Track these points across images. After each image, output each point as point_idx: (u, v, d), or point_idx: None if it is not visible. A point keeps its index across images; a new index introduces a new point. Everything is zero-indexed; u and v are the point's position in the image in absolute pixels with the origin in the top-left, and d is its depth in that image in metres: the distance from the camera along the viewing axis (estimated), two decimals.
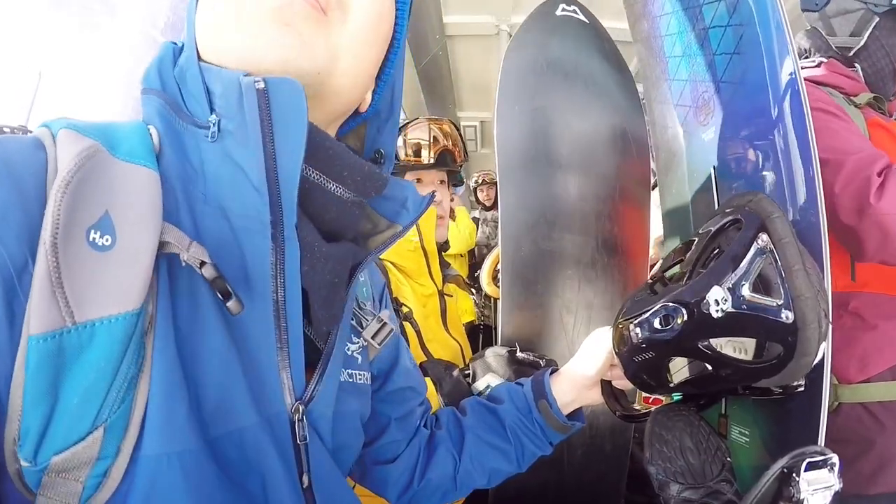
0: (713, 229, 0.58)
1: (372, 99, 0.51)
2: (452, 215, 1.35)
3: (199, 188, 0.40)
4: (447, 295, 1.19)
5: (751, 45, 0.65)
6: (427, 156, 1.14)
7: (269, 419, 0.40)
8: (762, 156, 0.66)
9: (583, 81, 1.08)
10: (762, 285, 0.51)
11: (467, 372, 0.93)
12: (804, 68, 1.02)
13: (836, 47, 1.03)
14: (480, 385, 0.90)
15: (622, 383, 0.69)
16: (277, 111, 0.37)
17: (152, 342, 0.34)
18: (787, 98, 0.61)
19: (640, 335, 0.57)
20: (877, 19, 0.98)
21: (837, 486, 0.49)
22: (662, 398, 0.88)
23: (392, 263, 1.08)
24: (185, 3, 0.43)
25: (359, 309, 0.56)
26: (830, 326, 0.55)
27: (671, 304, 0.54)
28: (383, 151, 0.53)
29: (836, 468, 0.49)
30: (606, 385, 0.71)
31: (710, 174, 0.76)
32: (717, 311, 0.51)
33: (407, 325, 1.02)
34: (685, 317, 0.53)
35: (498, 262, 1.41)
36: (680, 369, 0.60)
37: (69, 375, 0.30)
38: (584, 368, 0.69)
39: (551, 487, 1.07)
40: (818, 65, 1.02)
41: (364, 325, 0.56)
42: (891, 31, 0.99)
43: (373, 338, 0.56)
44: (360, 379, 0.54)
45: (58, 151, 0.33)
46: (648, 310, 0.56)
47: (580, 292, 1.07)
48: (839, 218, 0.82)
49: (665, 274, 0.63)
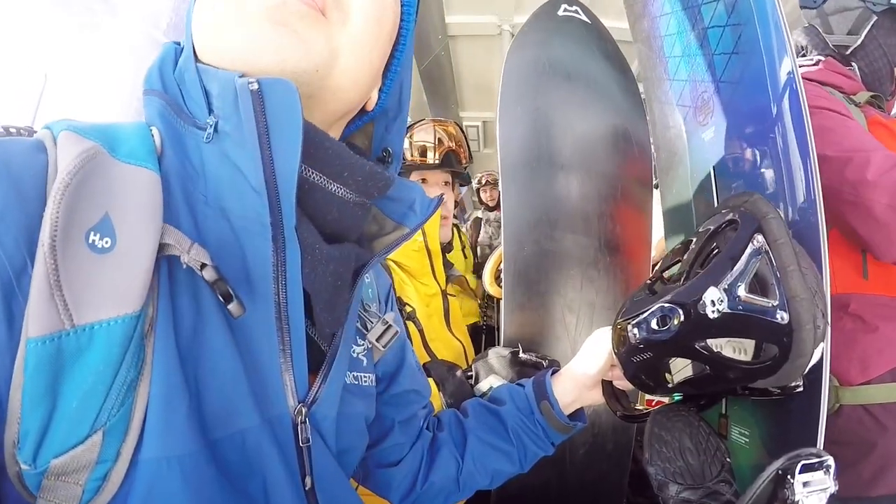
0: (710, 229, 0.58)
1: (379, 97, 0.50)
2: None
3: (200, 189, 0.40)
4: (450, 295, 1.20)
5: (749, 45, 0.65)
6: (432, 157, 1.15)
7: (271, 421, 0.40)
8: (761, 155, 0.66)
9: (584, 82, 1.08)
10: (758, 286, 0.51)
11: (470, 373, 0.93)
12: (802, 66, 1.01)
13: (833, 45, 1.02)
14: (483, 386, 0.90)
15: (623, 384, 0.69)
16: (272, 112, 0.36)
17: (153, 345, 0.33)
18: (786, 97, 0.61)
19: (638, 336, 0.57)
20: (875, 18, 0.97)
21: (833, 489, 0.49)
22: (664, 399, 0.88)
23: (396, 263, 1.08)
24: (187, 4, 0.43)
25: (364, 311, 0.56)
26: (829, 327, 0.55)
27: (668, 305, 0.54)
28: (391, 150, 0.52)
29: (832, 470, 0.49)
30: (607, 385, 0.71)
31: (710, 174, 0.76)
32: (714, 312, 0.51)
33: (410, 325, 1.03)
34: (682, 317, 0.53)
35: (500, 263, 1.41)
36: (681, 369, 0.60)
37: (68, 378, 0.30)
38: (585, 369, 0.69)
39: (553, 487, 1.07)
40: (816, 63, 1.01)
41: (369, 328, 0.56)
42: (889, 31, 0.98)
43: (377, 340, 0.56)
44: (365, 381, 0.54)
45: (58, 153, 0.33)
46: (646, 310, 0.56)
47: (582, 292, 1.07)
48: (872, 213, 0.80)
49: (664, 274, 0.63)
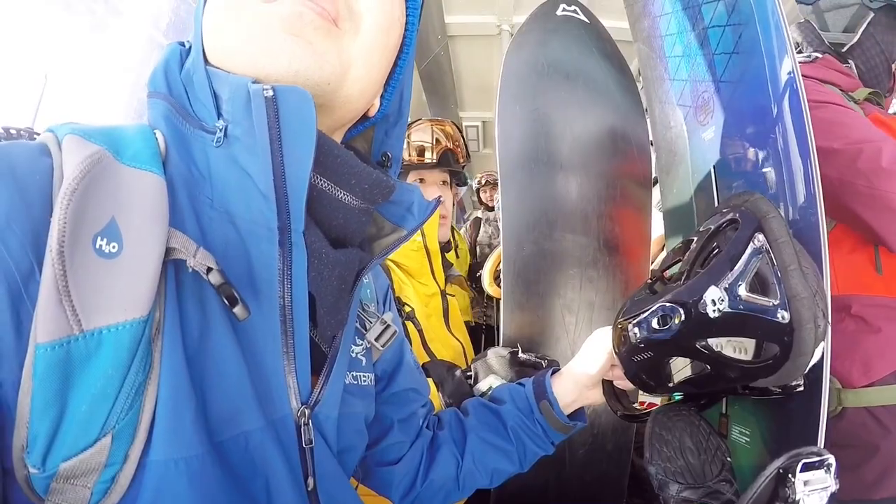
0: (711, 229, 0.58)
1: (380, 103, 0.51)
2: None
3: (206, 193, 0.40)
4: (449, 295, 1.20)
5: (749, 45, 0.65)
6: (430, 156, 1.15)
7: (275, 423, 0.40)
8: (762, 155, 0.66)
9: (583, 81, 1.08)
10: (759, 285, 0.51)
11: (469, 373, 0.93)
12: (799, 63, 1.00)
13: (830, 43, 1.01)
14: (483, 386, 0.90)
15: (623, 383, 0.69)
16: (286, 120, 0.37)
17: (160, 348, 0.34)
18: (787, 97, 0.61)
19: (639, 335, 0.57)
20: (872, 15, 0.96)
21: (834, 487, 0.49)
22: (656, 401, 0.88)
23: (395, 263, 1.08)
24: (187, 5, 0.43)
25: (362, 311, 0.57)
26: (829, 327, 0.55)
27: (668, 304, 0.54)
28: (390, 154, 0.53)
29: (833, 469, 0.49)
30: (608, 385, 0.71)
31: (711, 173, 0.76)
32: (714, 311, 0.51)
33: (409, 325, 1.03)
34: (682, 317, 0.53)
35: (499, 263, 1.41)
36: (681, 369, 0.60)
37: (77, 383, 0.30)
38: (586, 368, 0.69)
39: (553, 486, 1.07)
40: (813, 60, 1.01)
41: (368, 328, 0.56)
42: (886, 27, 0.97)
43: (376, 340, 0.56)
44: (364, 381, 0.54)
45: (63, 157, 0.33)
46: (647, 310, 0.56)
47: (581, 292, 1.07)
48: (889, 204, 0.79)
49: (664, 273, 0.63)
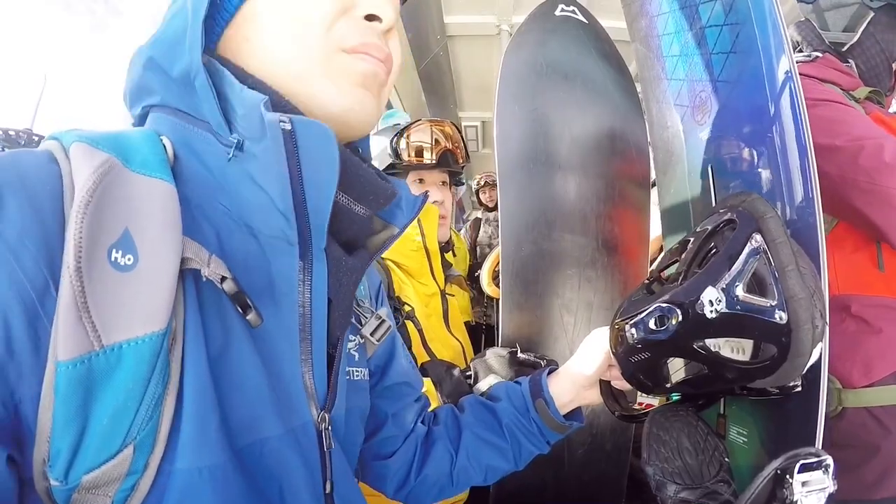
0: (708, 229, 0.58)
1: None
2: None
3: (222, 201, 0.40)
4: (449, 295, 1.20)
5: (747, 44, 0.65)
6: (429, 157, 1.15)
7: (295, 430, 0.41)
8: (759, 154, 0.66)
9: (582, 82, 1.08)
10: (756, 286, 0.51)
11: (469, 373, 0.93)
12: (798, 63, 1.00)
13: (830, 42, 1.00)
14: (482, 386, 0.90)
15: (621, 384, 0.69)
16: (305, 150, 0.38)
17: (179, 357, 0.34)
18: (784, 96, 0.61)
19: (636, 336, 0.57)
20: (872, 14, 0.96)
21: (832, 488, 0.49)
22: (653, 402, 0.87)
23: (394, 263, 1.08)
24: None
25: (357, 306, 0.57)
26: (827, 327, 0.55)
27: (666, 305, 0.54)
28: (360, 149, 0.54)
29: (831, 470, 0.49)
30: (605, 385, 0.71)
31: (708, 173, 0.75)
32: (712, 312, 0.51)
33: (409, 325, 1.03)
34: (679, 317, 0.53)
35: (498, 263, 1.41)
36: (678, 369, 0.60)
37: (98, 398, 0.30)
38: (583, 368, 0.69)
39: (552, 486, 1.07)
40: (813, 59, 1.00)
41: (363, 323, 0.57)
42: (886, 26, 0.96)
43: (371, 334, 0.57)
44: (358, 375, 0.55)
45: (73, 167, 0.32)
46: (644, 310, 0.56)
47: (580, 292, 1.07)
48: (890, 201, 0.79)
49: (662, 273, 0.62)
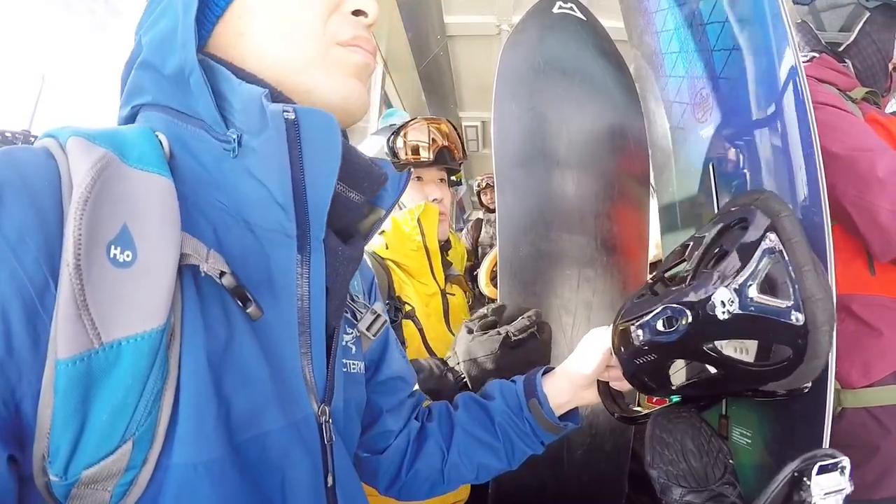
0: (717, 228, 0.57)
1: None
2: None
3: (218, 197, 0.40)
4: (450, 294, 1.19)
5: (750, 40, 0.64)
6: (426, 154, 1.15)
7: (297, 423, 0.41)
8: (763, 152, 0.65)
9: (580, 79, 1.07)
10: (768, 286, 0.50)
11: (463, 378, 0.91)
12: None
13: (826, 42, 1.01)
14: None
15: (621, 384, 0.68)
16: (308, 139, 0.38)
17: (178, 353, 0.34)
18: (788, 92, 0.60)
19: (643, 337, 0.56)
20: (867, 14, 0.96)
21: (849, 489, 0.48)
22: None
23: (395, 263, 1.07)
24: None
25: (352, 301, 0.58)
26: (835, 328, 0.54)
27: (675, 306, 0.53)
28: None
29: (847, 471, 0.48)
30: (604, 386, 0.70)
31: (710, 171, 0.75)
32: (724, 313, 0.50)
33: (410, 324, 1.02)
34: (690, 318, 0.52)
35: (495, 264, 1.40)
36: (678, 371, 0.59)
37: (98, 394, 0.30)
38: (580, 368, 0.67)
39: (551, 487, 1.06)
40: (810, 60, 1.01)
41: (358, 318, 0.58)
42: (882, 26, 0.97)
43: (367, 329, 0.58)
44: (355, 368, 0.55)
45: (70, 162, 0.32)
46: (651, 311, 0.55)
47: (579, 292, 1.06)
48: (875, 218, 0.80)
49: (666, 275, 0.61)
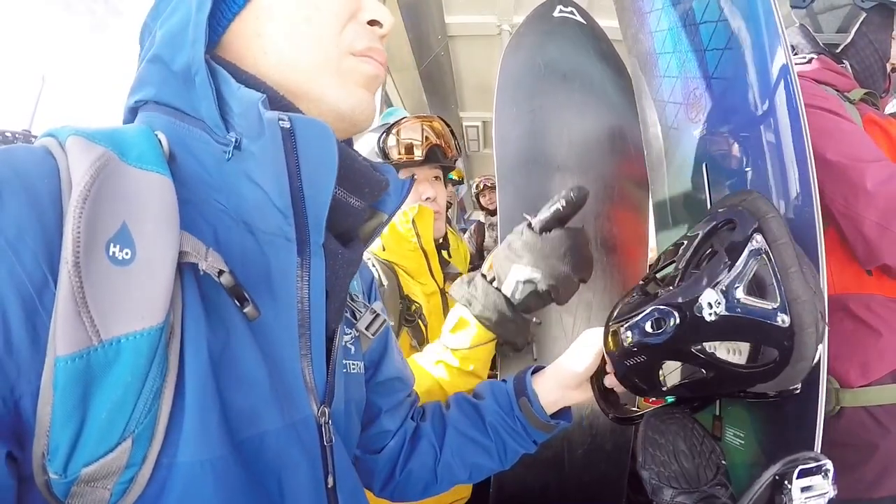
0: (706, 229, 0.57)
1: None
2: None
3: (218, 198, 0.40)
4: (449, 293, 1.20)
5: (742, 40, 0.64)
6: (418, 153, 1.16)
7: (296, 424, 0.41)
8: (755, 151, 0.65)
9: (580, 82, 1.07)
10: (756, 287, 0.50)
11: (490, 276, 0.84)
12: (796, 65, 1.00)
13: (824, 44, 1.01)
14: (508, 286, 0.79)
15: (615, 385, 0.68)
16: (304, 148, 0.39)
17: (177, 351, 0.34)
18: (779, 91, 0.60)
19: (632, 338, 0.56)
20: (864, 15, 0.96)
21: (832, 493, 0.48)
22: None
23: (395, 264, 1.08)
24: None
25: (351, 301, 0.58)
26: (827, 328, 0.54)
27: (663, 307, 0.53)
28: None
29: (831, 474, 0.48)
30: (598, 386, 0.70)
31: (703, 171, 0.74)
32: (711, 315, 0.50)
33: (419, 323, 1.03)
34: (677, 320, 0.52)
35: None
36: (672, 371, 0.59)
37: (97, 392, 0.30)
38: (572, 366, 0.68)
39: (552, 487, 1.06)
40: (809, 61, 1.00)
41: (358, 317, 0.58)
42: (878, 27, 0.97)
43: (367, 329, 0.58)
44: (354, 368, 0.55)
45: (69, 161, 0.32)
46: (639, 313, 0.55)
47: (579, 292, 1.06)
48: (860, 227, 0.81)
49: (657, 275, 0.62)
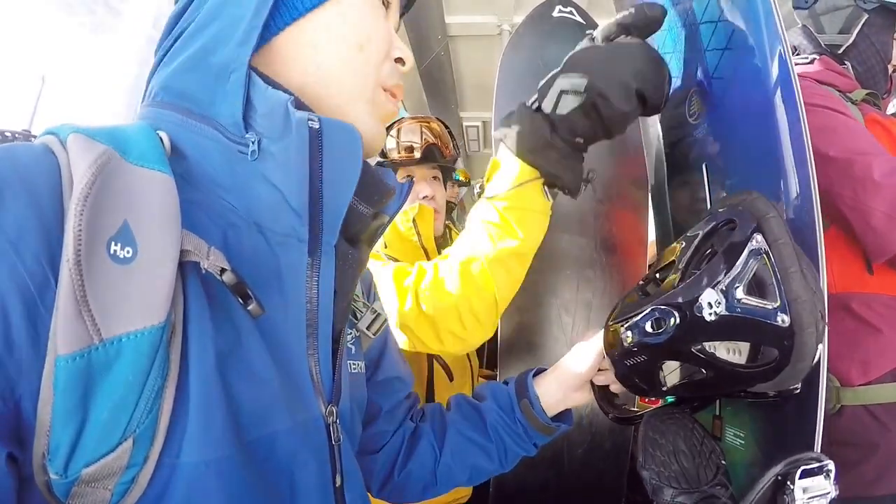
0: (706, 229, 0.57)
1: None
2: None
3: (227, 198, 0.40)
4: None
5: (742, 40, 0.64)
6: (415, 152, 1.16)
7: (305, 423, 0.42)
8: (755, 151, 0.65)
9: None
10: (756, 287, 0.50)
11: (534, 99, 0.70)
12: (797, 65, 1.00)
13: (826, 45, 1.01)
14: (549, 101, 0.65)
15: (615, 386, 0.68)
16: (329, 150, 0.40)
17: (179, 350, 0.34)
18: (779, 91, 0.60)
19: (632, 339, 0.56)
20: (866, 16, 0.96)
21: (833, 493, 0.48)
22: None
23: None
24: None
25: (352, 301, 0.58)
26: (827, 328, 0.54)
27: (663, 307, 0.53)
28: None
29: (833, 475, 0.48)
30: (599, 387, 0.70)
31: (703, 172, 0.74)
32: (711, 315, 0.50)
33: None
34: (677, 320, 0.52)
35: None
36: (672, 371, 0.59)
37: (98, 391, 0.30)
38: (573, 368, 0.68)
39: (552, 486, 1.07)
40: (811, 61, 1.00)
41: (359, 317, 0.58)
42: (880, 28, 0.97)
43: (368, 328, 0.58)
44: (356, 368, 0.56)
45: (70, 158, 0.32)
46: (639, 313, 0.55)
47: (579, 293, 1.06)
48: (869, 221, 0.81)
49: (657, 275, 0.62)
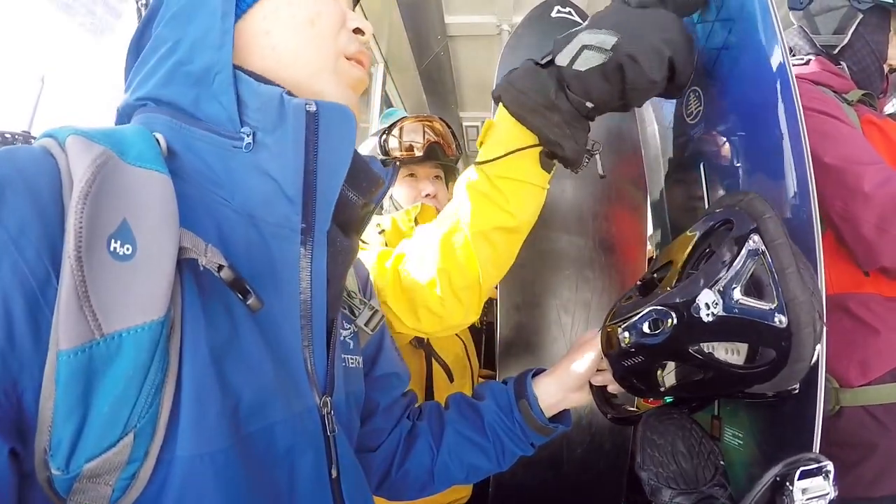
0: (703, 230, 0.57)
1: None
2: None
3: (221, 193, 0.41)
4: None
5: (739, 40, 0.64)
6: (417, 151, 1.16)
7: (301, 414, 0.42)
8: (752, 151, 0.65)
9: None
10: (754, 288, 0.50)
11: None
12: (794, 66, 1.00)
13: (821, 45, 1.01)
14: (567, 54, 0.63)
15: (614, 387, 0.68)
16: (325, 133, 0.41)
17: (178, 345, 0.34)
18: (777, 91, 0.59)
19: (629, 339, 0.56)
20: (860, 16, 0.96)
21: (833, 494, 0.48)
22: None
23: None
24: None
25: (349, 298, 0.59)
26: (825, 328, 0.54)
27: (660, 308, 0.53)
28: None
29: (832, 475, 0.48)
30: (597, 387, 0.70)
31: (700, 171, 0.74)
32: (708, 315, 0.50)
33: None
34: (675, 321, 0.52)
35: None
36: (670, 372, 0.59)
37: (99, 386, 0.31)
38: (572, 369, 0.68)
39: (551, 486, 1.07)
40: (807, 62, 1.00)
41: (357, 314, 0.59)
42: (875, 28, 0.97)
43: (366, 324, 0.59)
44: (353, 363, 0.56)
45: (69, 159, 0.32)
46: (637, 313, 0.55)
47: (578, 292, 1.06)
48: (858, 230, 0.82)
49: (655, 276, 0.62)
